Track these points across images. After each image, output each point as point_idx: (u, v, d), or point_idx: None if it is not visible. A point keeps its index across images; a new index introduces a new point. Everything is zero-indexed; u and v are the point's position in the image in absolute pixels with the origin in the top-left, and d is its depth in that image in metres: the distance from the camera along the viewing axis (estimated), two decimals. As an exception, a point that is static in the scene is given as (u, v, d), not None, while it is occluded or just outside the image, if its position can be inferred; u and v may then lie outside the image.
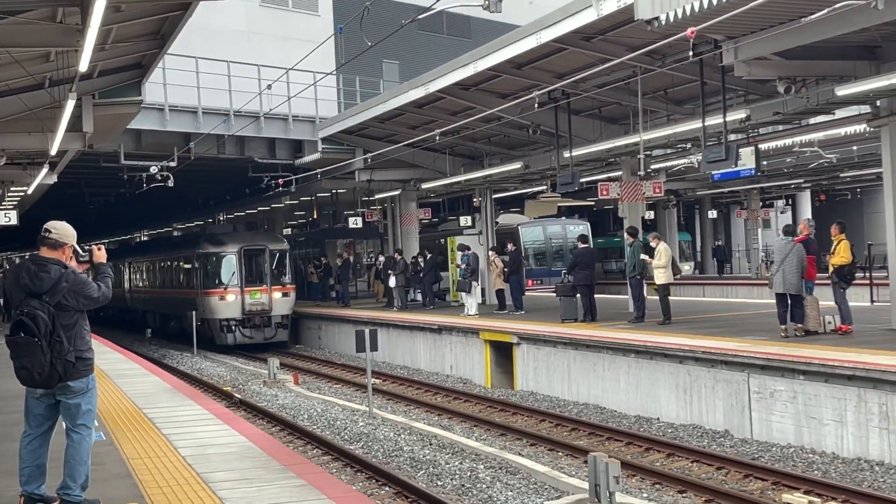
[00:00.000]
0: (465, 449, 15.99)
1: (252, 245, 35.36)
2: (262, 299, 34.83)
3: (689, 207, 61.07)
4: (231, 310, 34.62)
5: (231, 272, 34.82)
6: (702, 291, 43.51)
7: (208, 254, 35.45)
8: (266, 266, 35.13)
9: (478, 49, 22.60)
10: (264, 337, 35.06)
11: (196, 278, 36.13)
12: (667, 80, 21.74)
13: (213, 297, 34.83)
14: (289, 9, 37.32)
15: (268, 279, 35.02)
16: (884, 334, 17.62)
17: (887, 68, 16.98)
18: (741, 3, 13.69)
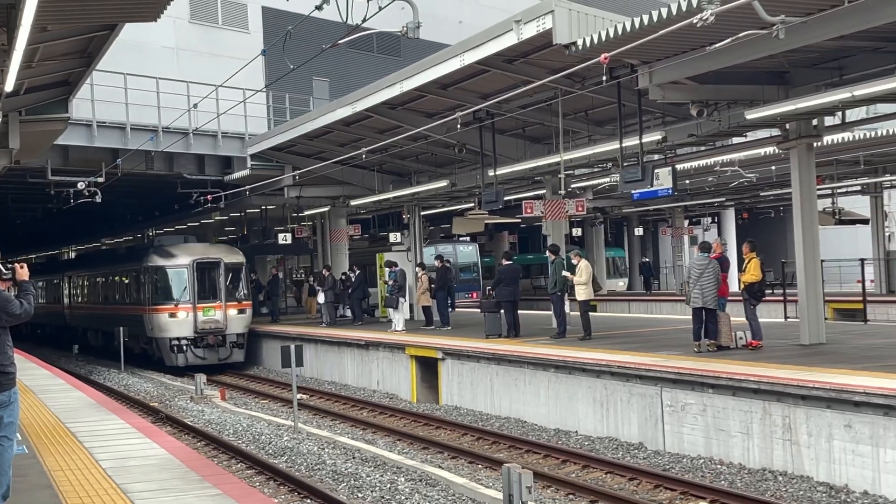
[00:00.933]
0: (388, 462, 16.33)
1: (205, 258, 33.15)
2: (216, 317, 32.76)
3: (618, 224, 62.02)
4: (182, 328, 32.48)
5: (182, 287, 32.67)
6: (627, 307, 44.25)
7: (157, 267, 33.08)
8: (220, 281, 32.99)
9: (404, 70, 23.01)
10: (218, 357, 32.98)
11: (143, 293, 33.68)
12: (587, 102, 22.32)
13: (161, 314, 32.60)
14: (218, 26, 37.47)
15: (222, 295, 32.94)
16: (792, 349, 18.28)
17: (795, 93, 17.69)
18: (650, 32, 14.32)
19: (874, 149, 30.74)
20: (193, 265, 32.64)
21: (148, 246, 36.36)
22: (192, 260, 32.80)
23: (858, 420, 13.15)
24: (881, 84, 15.15)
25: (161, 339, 32.75)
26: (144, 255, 34.47)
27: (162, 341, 32.72)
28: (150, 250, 34.43)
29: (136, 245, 43.66)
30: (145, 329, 33.21)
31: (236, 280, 33.61)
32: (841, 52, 16.73)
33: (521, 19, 17.77)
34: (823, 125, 18.96)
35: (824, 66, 17.43)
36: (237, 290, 33.54)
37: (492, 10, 43.90)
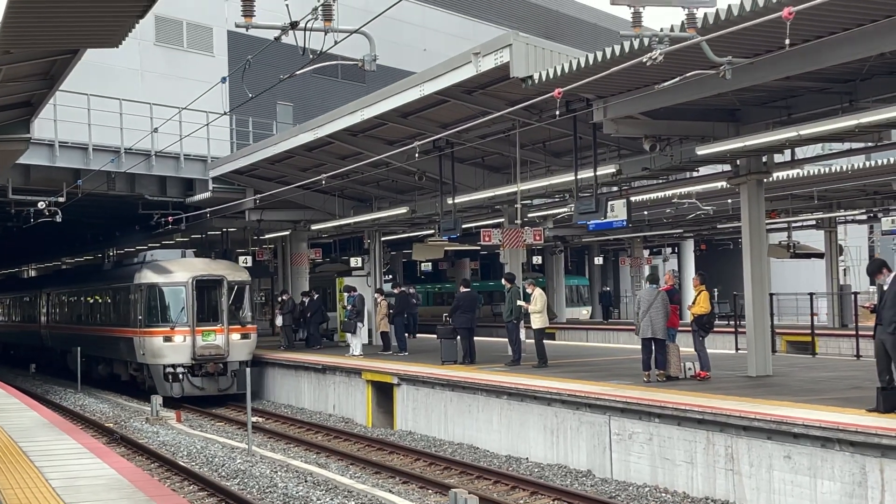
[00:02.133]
0: (339, 486, 16.49)
1: (206, 275, 29.63)
2: (217, 341, 29.14)
3: (580, 253, 62.53)
4: (178, 354, 28.84)
5: (179, 308, 29.27)
6: (586, 336, 44.61)
7: (151, 285, 29.48)
8: (222, 301, 29.40)
9: (365, 98, 23.30)
10: (218, 388, 29.17)
11: (134, 314, 30.02)
12: (545, 134, 22.68)
13: (155, 337, 28.97)
14: (183, 49, 37.66)
15: (224, 317, 29.32)
16: (739, 381, 18.64)
17: (745, 130, 18.15)
18: (603, 69, 14.69)
19: (828, 184, 31.35)
20: (192, 283, 29.23)
21: (141, 260, 32.17)
22: (190, 277, 29.35)
23: (797, 451, 13.49)
24: (826, 124, 15.62)
25: (154, 366, 29.22)
26: (136, 270, 30.76)
27: (155, 368, 29.20)
28: (143, 265, 30.77)
29: (126, 259, 38.25)
30: (136, 354, 29.95)
31: (240, 300, 30.29)
32: (789, 92, 17.19)
33: (480, 52, 18.11)
34: (773, 162, 19.40)
35: (773, 105, 17.89)
36: (241, 311, 30.19)
37: (456, 38, 44.47)
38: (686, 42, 12.92)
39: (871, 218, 37.98)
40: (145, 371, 29.83)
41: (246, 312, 30.33)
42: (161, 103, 31.65)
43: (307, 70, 15.64)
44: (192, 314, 29.08)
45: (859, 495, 12.63)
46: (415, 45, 45.96)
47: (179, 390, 28.91)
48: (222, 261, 33.45)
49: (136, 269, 30.77)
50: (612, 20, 57.19)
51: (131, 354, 30.33)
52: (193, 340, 28.93)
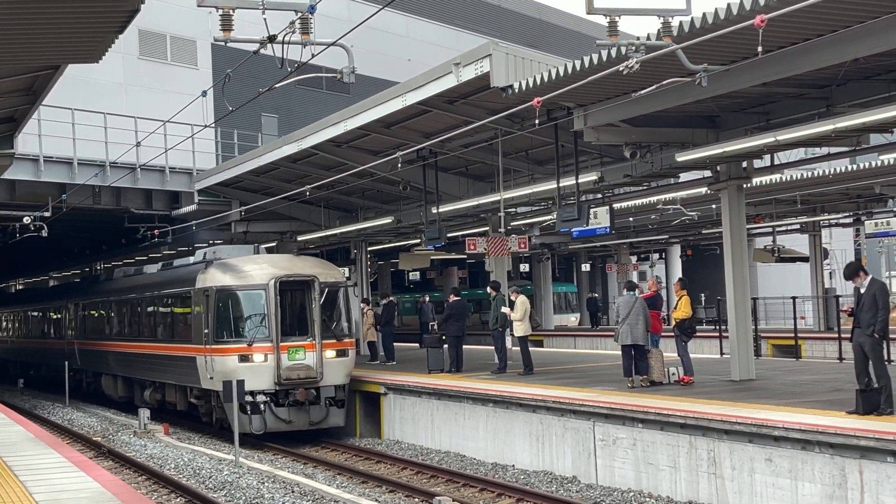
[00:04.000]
0: (325, 496, 16.55)
1: (292, 275, 23.63)
2: (308, 361, 23.18)
3: (568, 260, 62.64)
4: (258, 377, 22.79)
5: (259, 318, 23.37)
6: (573, 342, 44.72)
7: (222, 290, 23.56)
8: (314, 308, 23.52)
9: (348, 108, 23.41)
10: (310, 421, 23.22)
11: (197, 327, 24.25)
12: (527, 142, 22.80)
13: (228, 356, 23.03)
14: (167, 62, 37.74)
15: (316, 329, 23.32)
16: (722, 385, 18.76)
17: (724, 136, 18.31)
18: (581, 78, 14.84)
19: (811, 189, 31.52)
20: (275, 285, 23.15)
21: (203, 259, 26.50)
22: (272, 278, 23.28)
23: (778, 454, 13.60)
24: (804, 129, 15.76)
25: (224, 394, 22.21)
26: (199, 271, 24.89)
27: None
28: (209, 265, 24.81)
29: (180, 259, 31.19)
30: (200, 377, 24.10)
31: (335, 307, 24.36)
32: (767, 98, 17.34)
33: (461, 62, 18.24)
34: (753, 167, 19.55)
35: (752, 111, 18.05)
36: (337, 321, 24.23)
37: (441, 48, 44.58)
38: (662, 50, 13.05)
39: (856, 221, 38.19)
40: (213, 399, 23.95)
41: (343, 322, 24.34)
42: (146, 117, 31.71)
43: (290, 82, 15.77)
44: (275, 326, 23.03)
45: (839, 497, 12.74)
46: (399, 56, 46.11)
47: (261, 424, 22.83)
48: (309, 257, 27.47)
49: (199, 270, 24.87)
50: (595, 28, 57.28)
51: (192, 378, 24.61)
52: (278, 360, 22.92)
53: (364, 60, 42.97)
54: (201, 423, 26.00)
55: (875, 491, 12.29)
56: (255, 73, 31.10)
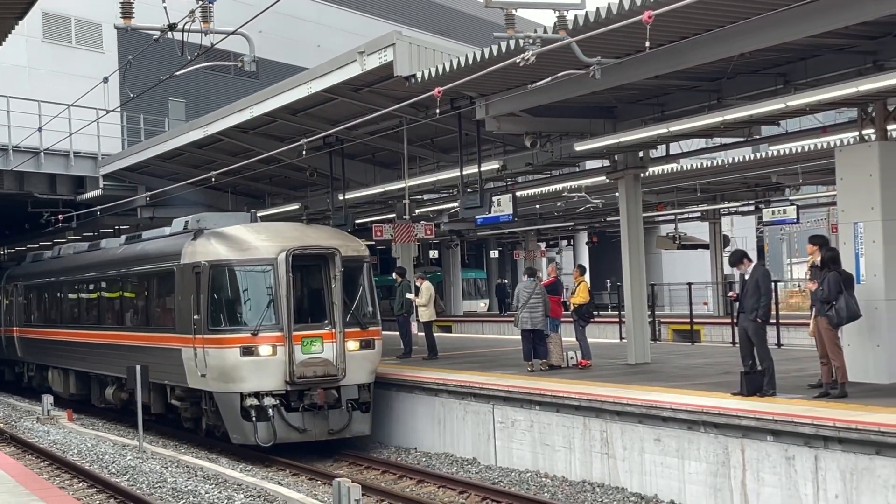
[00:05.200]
0: (229, 479, 16.71)
1: (307, 247, 19.34)
2: (326, 354, 18.90)
3: (478, 247, 63.19)
4: (265, 374, 18.64)
5: (266, 301, 19.06)
6: (481, 328, 45.23)
7: (217, 265, 19.24)
8: (334, 289, 19.23)
9: (254, 95, 23.49)
10: (329, 428, 18.82)
11: (183, 311, 19.96)
12: (432, 130, 23.10)
13: (227, 348, 18.69)
14: (72, 45, 37.27)
15: (337, 315, 19.07)
16: (618, 368, 19.32)
17: (621, 127, 18.81)
18: (481, 68, 15.18)
19: (710, 178, 32.35)
20: (287, 260, 18.76)
21: (189, 228, 21.61)
22: (283, 251, 18.89)
23: (666, 434, 14.14)
24: (695, 121, 16.33)
25: (224, 396, 18.84)
26: (186, 243, 20.49)
27: (226, 399, 18.82)
28: (199, 235, 20.39)
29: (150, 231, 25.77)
30: (186, 375, 19.82)
31: (357, 287, 19.99)
32: (661, 90, 17.87)
33: (365, 51, 18.46)
34: (649, 157, 20.11)
35: (647, 103, 18.58)
36: (361, 305, 19.88)
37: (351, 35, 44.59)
38: (557, 44, 13.45)
39: (755, 210, 39.23)
40: (206, 402, 19.71)
41: (367, 306, 19.96)
42: (50, 100, 31.34)
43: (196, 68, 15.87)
44: (286, 311, 18.61)
45: (723, 474, 13.31)
46: (310, 42, 46.06)
47: (268, 434, 18.42)
48: (323, 226, 23.66)
49: (185, 242, 20.55)
50: (505, 16, 57.84)
51: (174, 374, 20.36)
52: (290, 353, 18.52)
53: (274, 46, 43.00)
54: (180, 430, 22.05)
55: (756, 468, 12.86)
56: (162, 56, 30.88)
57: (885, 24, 13.73)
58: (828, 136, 19.53)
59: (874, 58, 14.92)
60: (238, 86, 41.18)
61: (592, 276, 52.88)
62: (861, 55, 15.06)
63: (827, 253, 14.16)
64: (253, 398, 18.54)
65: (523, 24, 36.71)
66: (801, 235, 66.78)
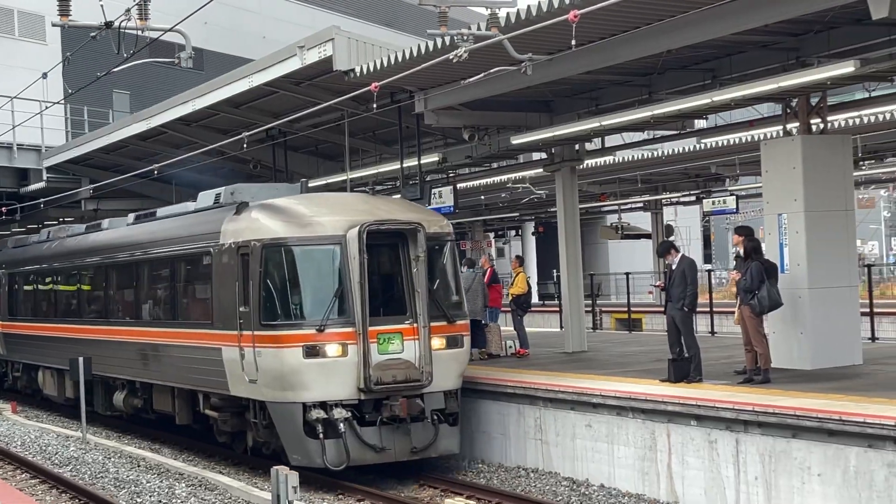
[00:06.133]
0: (171, 469, 16.95)
1: (385, 221, 15.85)
2: (407, 354, 15.54)
3: (426, 237, 63.36)
4: (334, 379, 15.28)
5: (334, 288, 15.61)
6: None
7: (274, 245, 15.77)
8: (416, 274, 15.72)
9: (196, 88, 23.63)
10: (412, 446, 15.40)
11: (223, 302, 16.71)
12: (374, 123, 23.37)
13: (286, 347, 15.33)
14: (14, 37, 37.09)
15: (419, 305, 15.63)
16: (555, 357, 19.76)
17: (558, 121, 19.23)
18: (417, 64, 15.50)
19: (651, 168, 32.91)
20: (361, 238, 15.29)
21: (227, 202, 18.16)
22: (354, 226, 15.47)
23: (597, 420, 14.57)
24: (626, 115, 16.76)
25: (282, 407, 15.41)
26: (226, 218, 17.00)
27: (284, 411, 15.40)
28: (243, 209, 16.75)
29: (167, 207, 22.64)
30: (228, 379, 16.46)
31: (442, 272, 16.64)
32: (594, 85, 18.29)
33: (304, 45, 18.70)
34: (584, 150, 20.52)
35: (582, 97, 18.99)
36: (447, 294, 16.54)
37: (296, 26, 44.70)
38: (489, 40, 13.79)
39: (697, 200, 39.86)
40: (255, 414, 16.05)
41: (454, 295, 16.64)
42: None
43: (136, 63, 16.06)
44: (359, 301, 15.22)
45: (650, 458, 13.76)
46: (255, 33, 46.07)
47: (339, 455, 14.97)
48: (396, 199, 20.15)
49: (225, 217, 17.07)
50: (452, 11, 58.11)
51: (214, 380, 16.91)
52: (365, 352, 15.14)
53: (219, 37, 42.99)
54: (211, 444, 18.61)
55: (681, 452, 13.32)
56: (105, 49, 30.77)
57: (806, 21, 14.24)
58: (755, 129, 20.06)
59: (797, 54, 15.44)
60: (184, 77, 41.07)
61: (540, 266, 53.42)
62: (785, 52, 15.57)
63: (750, 243, 14.63)
64: (319, 410, 15.02)
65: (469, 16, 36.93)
66: (744, 225, 67.61)
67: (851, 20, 14.12)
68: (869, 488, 11.12)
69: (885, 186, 54.03)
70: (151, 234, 20.56)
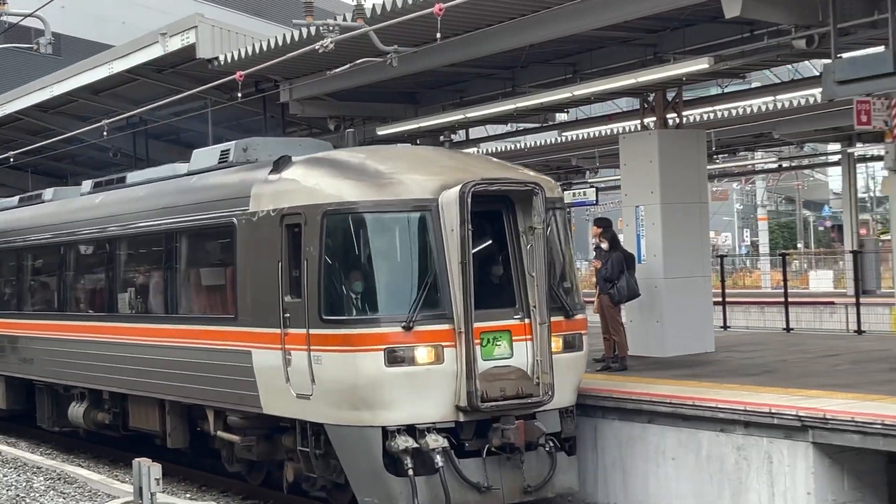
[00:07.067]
0: (28, 463, 16.58)
1: (495, 181, 11.81)
2: (517, 359, 11.66)
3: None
4: (425, 396, 11.35)
5: (424, 271, 11.62)
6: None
7: (336, 213, 11.68)
8: (530, 252, 11.74)
9: (54, 74, 23.05)
10: (524, 484, 11.52)
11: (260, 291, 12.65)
12: (239, 112, 23.16)
13: (359, 352, 11.29)
14: None
15: (536, 294, 11.65)
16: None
17: (423, 112, 19.42)
18: (282, 53, 15.49)
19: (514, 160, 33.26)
20: (463, 202, 11.30)
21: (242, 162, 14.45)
22: (448, 187, 11.62)
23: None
24: (490, 108, 17.07)
25: (352, 433, 11.49)
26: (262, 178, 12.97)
27: (355, 438, 11.48)
28: (286, 165, 12.73)
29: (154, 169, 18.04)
30: (260, 393, 12.62)
31: (553, 250, 12.38)
32: (460, 77, 18.51)
33: (167, 32, 18.49)
34: (451, 141, 20.75)
35: (448, 89, 19.20)
36: (561, 278, 12.55)
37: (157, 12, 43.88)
38: (355, 31, 13.86)
39: (560, 192, 40.45)
40: (305, 438, 12.13)
41: (568, 281, 12.67)
42: None
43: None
44: (460, 288, 11.33)
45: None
46: (114, 18, 45.14)
47: (434, 500, 11.18)
48: (488, 158, 17.25)
49: (257, 177, 13.11)
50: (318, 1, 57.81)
51: (238, 393, 12.95)
52: (470, 358, 11.25)
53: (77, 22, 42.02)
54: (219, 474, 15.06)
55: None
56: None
57: (663, 18, 14.70)
58: (614, 123, 20.59)
59: (655, 50, 15.92)
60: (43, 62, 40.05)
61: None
62: (643, 48, 16.03)
63: (608, 234, 15.02)
64: (406, 436, 11.12)
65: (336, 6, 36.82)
66: (605, 216, 69.12)
67: (706, 18, 14.63)
68: (720, 471, 11.54)
69: (737, 179, 55.84)
70: (129, 203, 16.18)
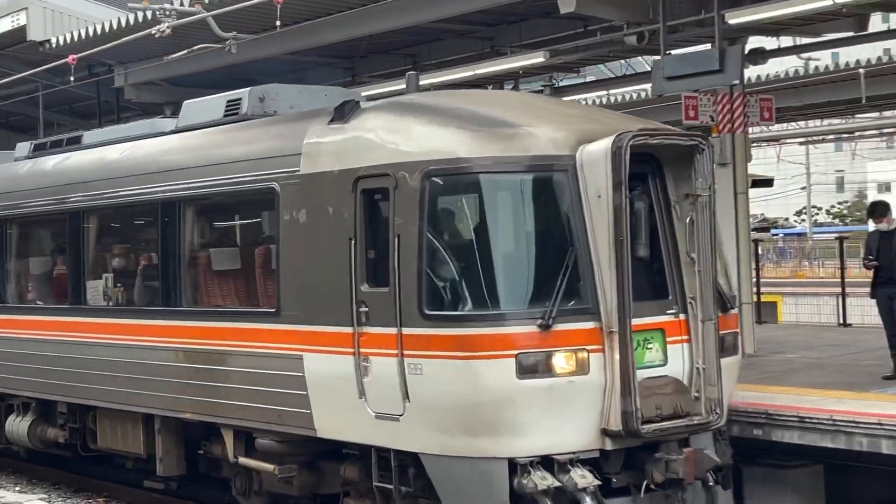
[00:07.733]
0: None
1: (657, 134, 9.00)
2: (672, 366, 8.92)
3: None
4: (565, 415, 8.45)
5: (562, 252, 8.60)
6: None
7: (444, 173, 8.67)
8: (689, 230, 8.99)
9: None
10: None
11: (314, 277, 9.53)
12: (72, 96, 22.61)
13: (477, 359, 8.34)
14: None
15: (697, 285, 8.95)
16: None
17: (265, 100, 19.24)
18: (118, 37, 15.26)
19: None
20: (621, 160, 8.41)
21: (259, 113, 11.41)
22: (586, 141, 8.71)
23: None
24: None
25: (464, 466, 8.54)
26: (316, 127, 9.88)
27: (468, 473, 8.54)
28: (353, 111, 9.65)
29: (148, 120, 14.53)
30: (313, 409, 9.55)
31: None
32: (299, 66, 18.54)
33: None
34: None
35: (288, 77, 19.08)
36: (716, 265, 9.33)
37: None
38: (193, 17, 13.75)
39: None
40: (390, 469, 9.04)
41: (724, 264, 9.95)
42: None
43: None
44: (612, 276, 8.52)
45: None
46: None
47: None
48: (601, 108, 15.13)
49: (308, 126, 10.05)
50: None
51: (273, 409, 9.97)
52: (625, 366, 8.46)
53: None
54: None
55: None
56: None
57: (501, 13, 15.03)
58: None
59: (492, 43, 16.24)
60: None
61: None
62: (481, 41, 16.34)
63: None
64: (542, 472, 8.39)
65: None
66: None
67: (541, 13, 14.99)
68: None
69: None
70: (100, 169, 12.82)
